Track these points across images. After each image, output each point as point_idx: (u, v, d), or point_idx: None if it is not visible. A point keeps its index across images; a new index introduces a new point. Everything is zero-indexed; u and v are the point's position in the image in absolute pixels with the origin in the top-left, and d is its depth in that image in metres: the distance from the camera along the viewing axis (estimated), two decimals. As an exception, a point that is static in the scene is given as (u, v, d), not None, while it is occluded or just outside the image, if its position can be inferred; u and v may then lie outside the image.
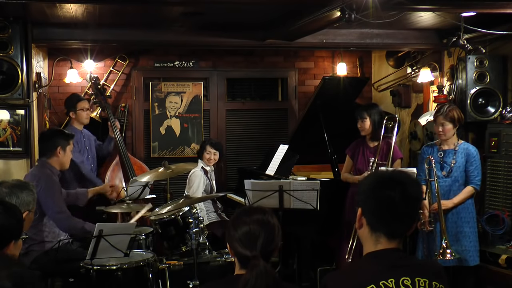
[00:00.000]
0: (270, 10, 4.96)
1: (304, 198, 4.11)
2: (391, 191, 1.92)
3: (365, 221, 1.97)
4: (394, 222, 1.94)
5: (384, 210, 1.93)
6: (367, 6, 3.82)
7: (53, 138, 4.39)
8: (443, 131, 4.54)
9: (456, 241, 4.48)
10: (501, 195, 5.09)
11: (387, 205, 1.92)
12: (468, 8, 4.49)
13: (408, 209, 1.94)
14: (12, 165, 5.08)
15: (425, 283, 1.90)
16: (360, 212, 1.99)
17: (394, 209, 1.92)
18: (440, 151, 4.63)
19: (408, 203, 1.93)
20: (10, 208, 2.25)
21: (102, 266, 3.70)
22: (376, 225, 1.95)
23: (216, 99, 6.90)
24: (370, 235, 1.97)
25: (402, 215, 1.94)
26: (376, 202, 1.94)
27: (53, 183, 4.24)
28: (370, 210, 1.96)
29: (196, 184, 5.59)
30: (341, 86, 5.90)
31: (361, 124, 4.92)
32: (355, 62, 7.21)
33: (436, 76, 5.96)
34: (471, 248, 4.50)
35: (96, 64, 6.38)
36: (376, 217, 1.95)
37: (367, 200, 1.97)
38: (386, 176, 2.01)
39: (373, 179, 2.02)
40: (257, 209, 2.22)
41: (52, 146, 4.34)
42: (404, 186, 1.93)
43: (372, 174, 2.10)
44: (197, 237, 4.21)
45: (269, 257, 2.14)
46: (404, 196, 1.92)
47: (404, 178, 1.96)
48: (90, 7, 4.64)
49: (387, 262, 1.92)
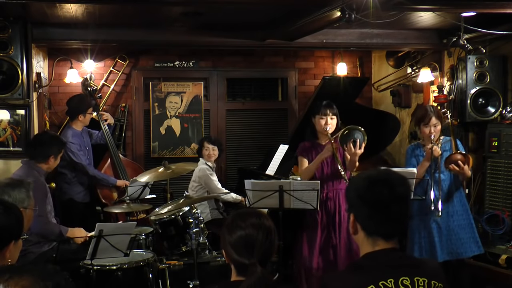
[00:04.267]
0: (270, 10, 4.96)
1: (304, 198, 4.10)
2: (380, 194, 1.90)
3: (359, 226, 1.96)
4: (389, 223, 1.93)
5: (377, 214, 1.92)
6: (367, 6, 3.81)
7: (48, 145, 4.33)
8: (436, 131, 4.47)
9: (451, 234, 4.42)
10: (501, 195, 5.09)
11: (379, 208, 1.91)
12: (468, 8, 4.49)
13: (401, 208, 1.94)
14: (12, 165, 5.07)
15: (424, 282, 1.90)
16: (353, 218, 1.97)
17: (387, 211, 1.91)
18: (425, 150, 4.52)
19: (400, 202, 1.93)
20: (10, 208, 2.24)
21: (102, 266, 3.70)
22: (371, 230, 1.94)
23: (216, 99, 6.90)
24: (366, 238, 1.96)
25: (396, 215, 1.93)
26: (367, 207, 1.93)
27: (39, 185, 4.14)
28: (362, 216, 1.95)
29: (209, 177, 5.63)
30: (341, 86, 5.90)
31: (331, 122, 4.42)
32: (355, 62, 7.21)
33: (436, 76, 5.96)
34: (467, 240, 4.43)
35: (96, 64, 6.38)
36: (370, 222, 1.94)
37: (358, 206, 1.95)
38: (373, 178, 1.97)
39: (360, 183, 1.98)
40: (252, 213, 2.19)
41: (45, 154, 4.29)
42: (392, 186, 1.92)
43: (357, 177, 2.02)
44: (197, 237, 4.21)
45: (266, 262, 2.11)
46: (394, 196, 1.91)
47: (390, 178, 1.95)
48: (90, 7, 4.63)
49: (385, 263, 1.92)
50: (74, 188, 5.43)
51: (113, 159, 5.75)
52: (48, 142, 4.38)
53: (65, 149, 4.90)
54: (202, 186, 5.65)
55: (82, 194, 5.52)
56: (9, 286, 1.38)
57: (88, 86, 5.92)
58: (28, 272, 1.42)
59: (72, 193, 5.44)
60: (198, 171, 5.64)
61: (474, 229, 4.48)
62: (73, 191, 5.43)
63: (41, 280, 1.41)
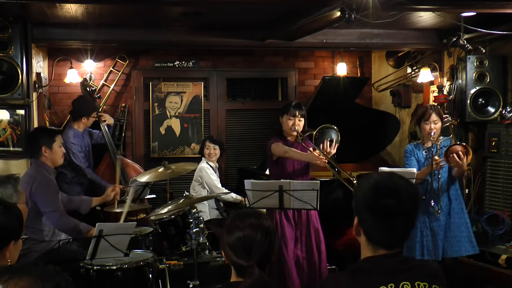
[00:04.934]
0: (270, 10, 4.96)
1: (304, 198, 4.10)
2: (386, 205, 1.85)
3: (362, 231, 1.93)
4: (393, 235, 1.90)
5: (382, 224, 1.87)
6: (367, 6, 3.81)
7: (35, 138, 4.33)
8: (436, 128, 4.48)
9: (448, 232, 4.43)
10: (501, 195, 5.09)
11: (384, 219, 1.87)
12: (468, 8, 4.49)
13: (407, 221, 1.89)
14: (12, 165, 5.08)
15: (425, 286, 1.89)
16: (357, 222, 1.94)
17: (392, 223, 1.86)
18: (425, 149, 4.54)
19: (406, 216, 1.88)
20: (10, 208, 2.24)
21: (102, 266, 3.70)
22: (374, 239, 1.91)
23: (216, 99, 6.90)
24: (368, 244, 1.93)
25: (400, 228, 1.89)
26: (372, 216, 1.88)
27: (48, 181, 4.22)
28: (367, 223, 1.90)
29: (209, 175, 5.65)
30: (341, 86, 5.90)
31: (299, 123, 4.46)
32: (355, 62, 7.21)
33: (436, 76, 5.96)
34: (463, 239, 4.43)
35: (96, 64, 6.38)
36: (374, 231, 1.90)
37: (363, 213, 1.90)
38: (380, 186, 1.90)
39: (367, 189, 1.91)
40: (251, 213, 2.18)
41: (36, 147, 4.28)
42: (400, 198, 1.86)
43: (365, 182, 1.95)
44: (197, 237, 4.21)
45: (265, 264, 2.10)
46: (401, 209, 1.86)
47: (399, 188, 1.88)
48: (90, 7, 4.64)
49: (386, 267, 1.90)
50: (74, 188, 5.42)
51: (112, 160, 5.75)
52: (34, 135, 4.40)
53: (66, 149, 4.90)
54: (202, 185, 5.68)
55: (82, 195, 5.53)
56: (8, 287, 1.38)
57: (87, 87, 5.93)
58: (28, 272, 1.42)
59: (72, 193, 5.43)
60: (199, 170, 5.66)
61: (469, 228, 4.48)
62: (73, 191, 5.42)
63: (41, 281, 1.40)
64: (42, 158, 4.29)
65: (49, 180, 4.23)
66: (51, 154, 4.31)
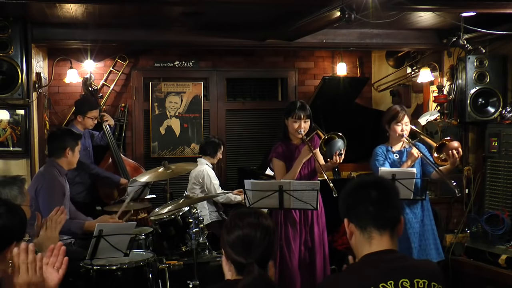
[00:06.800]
0: (270, 10, 4.96)
1: (304, 198, 4.09)
2: (366, 188, 2.02)
3: (353, 226, 2.01)
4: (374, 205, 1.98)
5: (366, 203, 1.99)
6: (367, 6, 3.82)
7: (62, 138, 4.37)
8: (407, 130, 4.42)
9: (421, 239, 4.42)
10: (501, 195, 5.09)
11: (366, 198, 1.99)
12: (468, 8, 4.49)
13: (388, 195, 2.01)
14: (12, 165, 5.08)
15: (424, 284, 1.90)
16: (347, 222, 2.03)
17: (374, 198, 1.98)
18: (395, 153, 4.50)
19: (387, 191, 2.01)
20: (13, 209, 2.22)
21: (102, 266, 3.70)
22: (363, 221, 1.99)
23: (216, 99, 6.90)
24: (361, 237, 1.99)
25: (383, 201, 1.99)
26: (355, 201, 2.02)
27: (55, 183, 4.23)
28: (353, 211, 2.02)
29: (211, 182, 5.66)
30: (341, 86, 5.90)
31: (304, 125, 4.31)
32: (355, 62, 7.21)
33: (436, 76, 5.96)
34: (433, 246, 4.41)
35: (96, 64, 6.38)
36: (360, 212, 1.99)
37: (348, 204, 2.04)
38: (359, 181, 2.10)
39: (348, 187, 2.09)
40: (251, 212, 2.19)
41: (61, 147, 4.33)
42: (378, 182, 2.05)
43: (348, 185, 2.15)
44: (197, 237, 4.21)
45: (265, 262, 2.11)
46: (380, 187, 2.01)
47: (376, 178, 2.15)
48: (90, 7, 4.64)
49: (385, 264, 1.92)
50: (75, 188, 5.42)
51: (115, 158, 5.76)
52: (61, 135, 4.43)
53: None
54: (203, 189, 5.65)
55: (83, 194, 5.55)
56: None
57: (90, 86, 5.93)
58: None
59: (73, 193, 5.44)
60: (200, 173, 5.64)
61: (436, 235, 4.47)
62: (74, 191, 5.43)
63: None
64: (62, 158, 4.32)
65: (56, 182, 4.24)
66: (72, 157, 4.36)
